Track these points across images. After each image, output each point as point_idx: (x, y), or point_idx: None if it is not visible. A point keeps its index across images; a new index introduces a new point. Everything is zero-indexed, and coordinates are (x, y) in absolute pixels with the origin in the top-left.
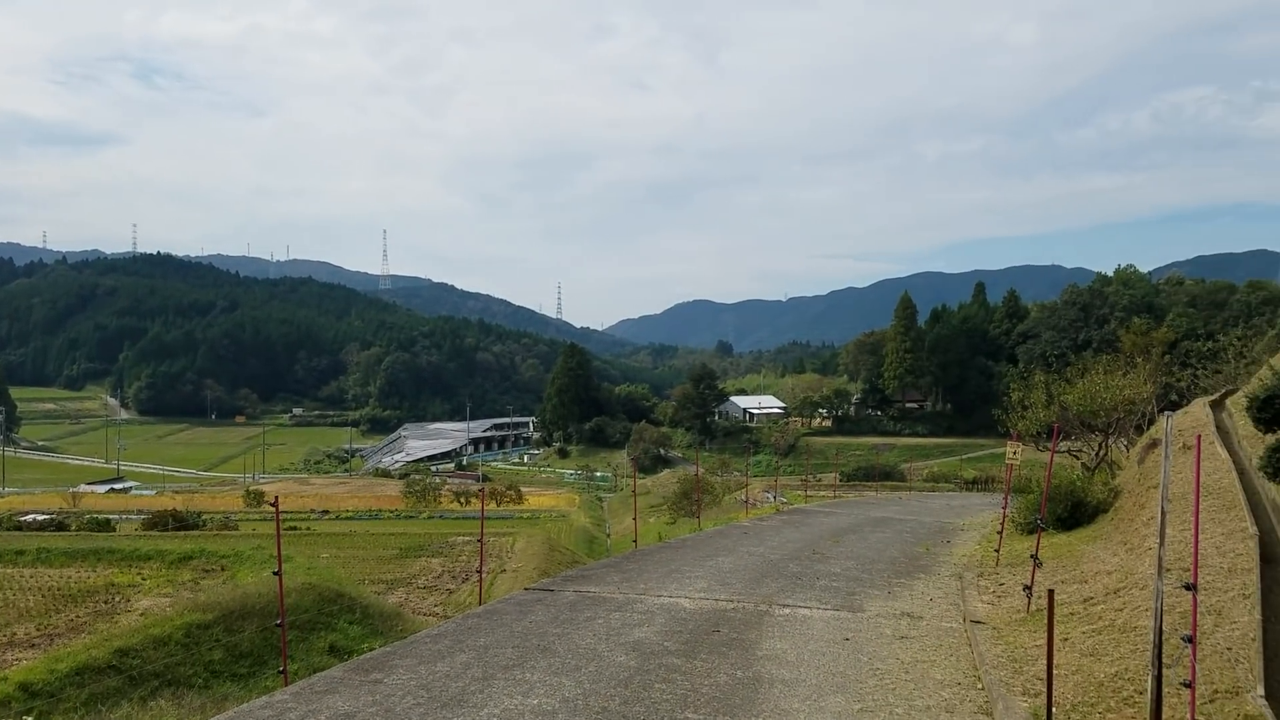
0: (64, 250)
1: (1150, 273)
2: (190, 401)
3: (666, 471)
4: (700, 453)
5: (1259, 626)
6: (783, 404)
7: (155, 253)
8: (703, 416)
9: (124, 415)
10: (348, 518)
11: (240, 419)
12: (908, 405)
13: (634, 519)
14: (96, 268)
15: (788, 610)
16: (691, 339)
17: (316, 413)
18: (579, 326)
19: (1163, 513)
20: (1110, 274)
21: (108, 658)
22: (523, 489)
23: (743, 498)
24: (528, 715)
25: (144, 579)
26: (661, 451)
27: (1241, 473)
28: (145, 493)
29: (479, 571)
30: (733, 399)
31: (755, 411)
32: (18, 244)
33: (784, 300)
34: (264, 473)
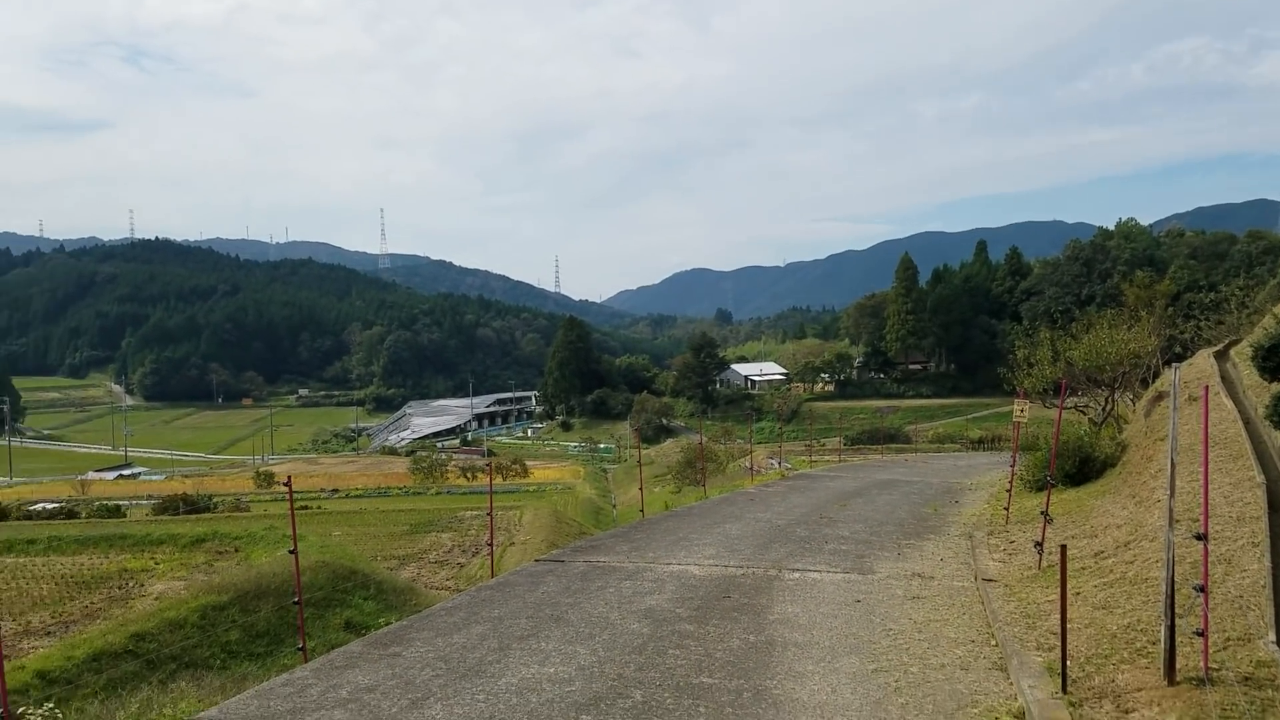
0: (61, 238)
1: (1151, 225)
2: (196, 386)
3: (670, 441)
4: (703, 421)
5: (1269, 574)
6: (784, 370)
7: (153, 238)
8: (704, 385)
9: (129, 401)
10: (357, 496)
11: (247, 401)
12: (911, 367)
13: (639, 489)
14: (95, 255)
15: (797, 574)
16: (690, 308)
17: (322, 393)
18: (577, 299)
19: (1172, 464)
20: (1111, 228)
21: (124, 643)
22: (527, 462)
23: (747, 465)
24: (545, 684)
25: (157, 563)
26: (664, 421)
27: (1247, 422)
28: (154, 478)
29: (489, 544)
30: (733, 367)
31: (756, 379)
32: (14, 233)
33: (782, 266)
34: (273, 454)
